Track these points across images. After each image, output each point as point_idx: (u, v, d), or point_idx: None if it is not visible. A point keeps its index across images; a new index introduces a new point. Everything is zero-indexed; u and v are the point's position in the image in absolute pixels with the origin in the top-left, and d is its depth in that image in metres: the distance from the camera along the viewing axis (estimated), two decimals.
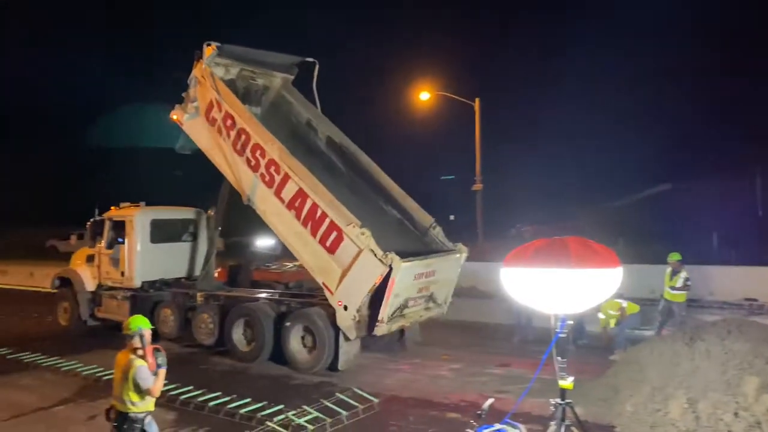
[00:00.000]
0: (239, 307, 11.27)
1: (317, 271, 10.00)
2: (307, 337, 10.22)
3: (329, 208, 9.75)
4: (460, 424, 7.56)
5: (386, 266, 9.08)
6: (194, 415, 8.20)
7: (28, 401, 9.00)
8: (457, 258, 10.70)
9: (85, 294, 13.77)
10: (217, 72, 11.70)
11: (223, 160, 11.32)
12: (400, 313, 9.79)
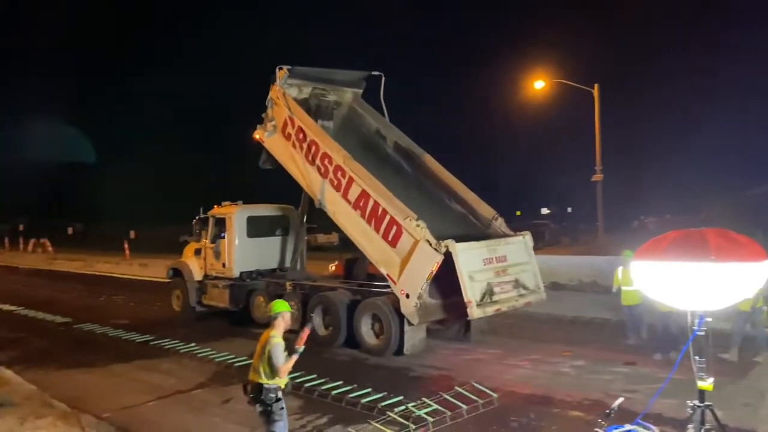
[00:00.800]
0: (319, 295, 12.24)
1: (381, 263, 10.82)
2: (376, 324, 11.05)
3: (389, 205, 10.61)
4: (583, 423, 7.31)
5: (441, 254, 9.79)
6: (318, 402, 8.50)
7: (168, 384, 9.76)
8: (522, 242, 11.31)
9: (193, 283, 15.13)
10: (291, 92, 13.01)
11: (297, 170, 12.49)
12: (490, 299, 10.20)
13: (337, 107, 13.89)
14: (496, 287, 10.40)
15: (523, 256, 11.23)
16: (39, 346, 12.88)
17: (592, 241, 31.26)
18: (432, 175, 12.63)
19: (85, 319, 15.36)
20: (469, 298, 9.82)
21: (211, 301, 14.90)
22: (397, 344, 10.67)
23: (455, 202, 12.29)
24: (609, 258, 18.49)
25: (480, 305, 10.00)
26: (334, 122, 13.74)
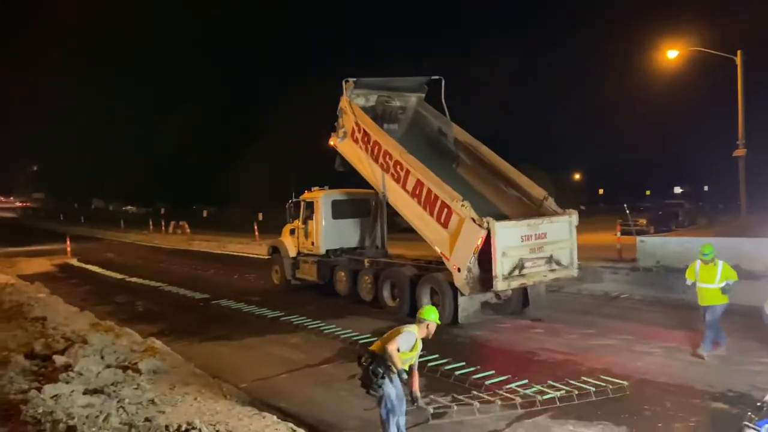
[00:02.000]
0: (387, 270, 13.71)
1: (436, 243, 12.10)
2: (434, 296, 12.28)
3: (439, 190, 11.92)
4: (728, 417, 6.82)
5: (484, 229, 10.93)
6: (441, 381, 8.59)
7: (297, 358, 10.28)
8: (567, 220, 12.17)
9: (289, 259, 17.04)
10: (359, 101, 14.78)
11: (365, 168, 14.24)
12: (519, 272, 11.31)
13: (403, 111, 15.48)
14: (528, 262, 11.43)
15: (564, 234, 12.12)
16: (182, 320, 14.02)
17: (733, 221, 28.86)
18: (489, 164, 13.73)
19: (221, 295, 16.51)
20: (496, 273, 10.98)
21: (303, 275, 16.66)
22: (452, 315, 11.79)
23: (510, 187, 13.28)
24: (753, 240, 17.03)
25: (506, 278, 11.15)
26: (401, 125, 15.36)
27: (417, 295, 12.56)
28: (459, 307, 11.71)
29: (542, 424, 6.93)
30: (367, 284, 14.33)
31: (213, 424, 6.31)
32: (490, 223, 10.93)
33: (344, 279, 15.15)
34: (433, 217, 12.03)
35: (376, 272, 14.05)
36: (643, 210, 32.37)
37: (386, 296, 13.45)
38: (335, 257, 15.76)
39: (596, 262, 19.35)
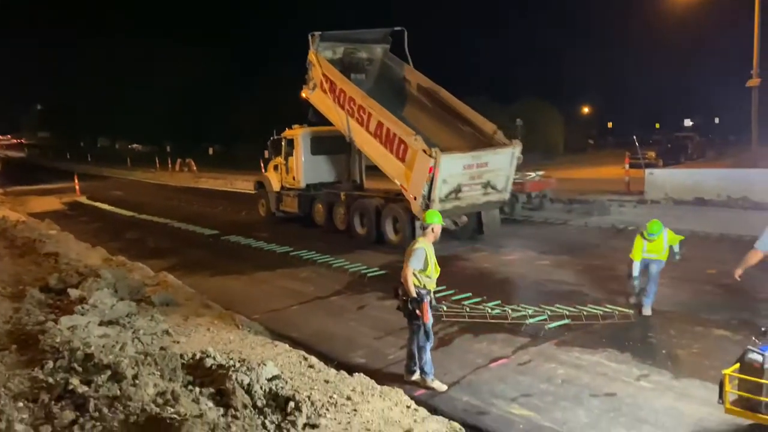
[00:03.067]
0: (357, 202, 14.99)
1: (396, 177, 13.23)
2: (396, 223, 13.77)
3: (397, 128, 13.06)
4: (731, 343, 6.96)
5: (432, 158, 12.07)
6: (448, 311, 8.72)
7: (308, 291, 10.47)
8: (510, 151, 13.22)
9: (273, 194, 18.34)
10: (326, 54, 15.70)
11: (333, 115, 15.16)
12: (455, 196, 12.67)
13: (370, 63, 16.40)
14: (465, 187, 12.80)
15: (505, 163, 13.28)
16: (193, 255, 14.21)
17: (743, 153, 28.55)
18: (448, 106, 14.81)
19: (230, 231, 16.66)
20: (434, 197, 12.32)
21: (285, 207, 18.00)
22: (411, 238, 12.53)
23: (466, 125, 14.33)
24: (764, 170, 16.89)
25: (442, 201, 12.48)
26: (369, 75, 16.30)
27: (382, 223, 14.07)
28: (417, 231, 12.75)
29: (547, 351, 7.09)
30: (341, 215, 15.71)
31: (227, 352, 6.48)
32: (437, 153, 12.13)
33: (321, 211, 16.54)
34: (393, 154, 13.19)
35: (348, 204, 15.31)
36: (653, 143, 32.04)
37: (356, 225, 14.92)
38: (315, 191, 16.97)
39: (604, 195, 19.36)
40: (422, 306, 6.08)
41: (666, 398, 5.73)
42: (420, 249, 6.18)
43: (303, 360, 6.52)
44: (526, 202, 18.19)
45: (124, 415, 4.39)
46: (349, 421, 5.00)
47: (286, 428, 4.76)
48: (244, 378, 5.31)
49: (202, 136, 61.04)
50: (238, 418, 4.71)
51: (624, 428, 5.20)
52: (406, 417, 5.14)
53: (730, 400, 4.69)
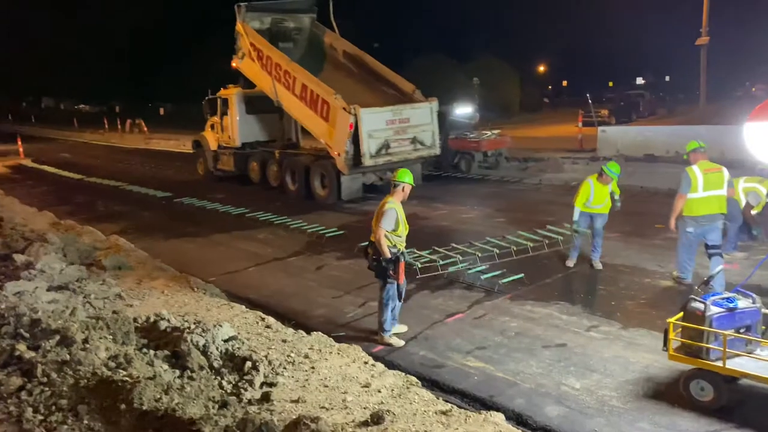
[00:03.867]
0: (288, 160, 15.75)
1: (321, 136, 14.19)
2: (324, 179, 14.54)
3: (319, 89, 13.90)
4: (677, 293, 7.24)
5: (352, 115, 12.98)
6: (406, 270, 8.77)
7: (265, 253, 10.37)
8: (428, 107, 14.34)
9: (210, 152, 18.65)
10: (254, 24, 16.26)
11: (261, 81, 15.90)
12: (385, 151, 13.61)
13: (299, 32, 17.04)
14: (393, 143, 13.71)
15: (426, 119, 14.30)
16: (146, 219, 13.89)
17: (692, 110, 29.31)
18: (371, 70, 15.79)
19: (184, 193, 16.32)
20: (363, 152, 13.19)
21: (222, 166, 18.32)
22: (337, 193, 14.16)
23: (389, 87, 15.26)
24: (710, 127, 17.37)
25: (373, 156, 13.42)
26: (299, 44, 16.97)
27: (310, 179, 14.85)
28: (342, 185, 14.05)
29: (502, 305, 7.24)
30: (274, 172, 16.41)
31: (182, 315, 6.41)
32: (356, 109, 13.00)
33: (256, 168, 17.12)
34: (317, 114, 14.01)
35: (281, 162, 16.03)
36: (606, 101, 32.60)
37: (288, 181, 15.62)
38: (250, 149, 17.50)
39: (558, 153, 19.67)
40: (398, 266, 6.08)
41: (614, 347, 5.94)
42: (391, 210, 6.14)
43: (260, 320, 6.50)
44: (483, 161, 18.36)
45: (74, 379, 4.31)
46: (306, 379, 5.03)
47: (243, 388, 4.77)
48: (200, 339, 5.27)
49: (153, 96, 59.12)
50: (194, 379, 4.68)
51: (574, 377, 5.38)
52: (364, 372, 5.20)
53: (674, 347, 4.89)
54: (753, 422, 4.49)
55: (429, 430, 4.19)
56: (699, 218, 7.17)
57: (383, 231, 6.06)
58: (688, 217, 7.23)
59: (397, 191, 6.34)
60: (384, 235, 6.06)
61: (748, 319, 4.82)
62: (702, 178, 7.09)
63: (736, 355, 4.65)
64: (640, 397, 4.98)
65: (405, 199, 6.42)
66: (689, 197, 7.13)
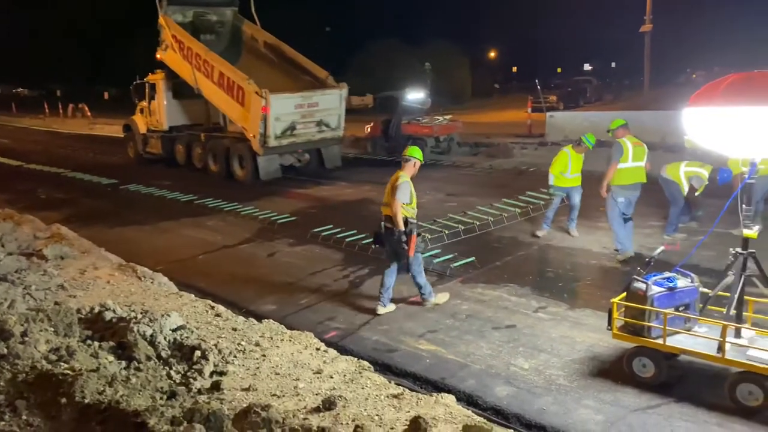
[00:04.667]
0: (211, 142, 16.61)
1: (238, 120, 14.96)
2: (243, 161, 15.38)
3: (235, 76, 14.68)
4: (621, 274, 7.46)
5: (263, 98, 13.79)
6: (359, 255, 8.81)
7: (215, 240, 10.19)
8: (338, 93, 15.26)
9: (140, 135, 19.22)
10: (176, 17, 16.97)
11: (184, 71, 16.57)
12: (291, 133, 14.55)
13: (222, 25, 17.73)
14: (299, 125, 14.66)
15: (335, 103, 15.23)
16: (90, 206, 13.44)
17: (636, 96, 30.12)
18: (289, 59, 16.64)
19: (130, 180, 15.85)
20: (269, 133, 14.11)
21: (151, 149, 18.92)
22: (254, 173, 14.94)
23: (306, 74, 16.15)
24: (654, 113, 17.89)
25: (278, 137, 14.35)
26: (222, 37, 17.68)
27: (230, 160, 15.71)
28: (259, 166, 14.83)
29: (453, 289, 7.31)
30: (198, 154, 17.15)
31: (128, 305, 6.24)
32: (266, 93, 13.81)
33: (182, 151, 17.89)
34: (234, 99, 14.76)
35: (204, 145, 16.81)
36: (554, 87, 33.16)
37: (210, 163, 16.50)
38: (177, 133, 18.03)
39: (508, 138, 19.93)
40: (410, 239, 6.40)
41: (561, 327, 6.09)
42: (405, 183, 6.47)
43: (210, 309, 6.38)
44: (435, 146, 18.46)
45: (11, 373, 4.14)
46: (257, 367, 4.98)
47: (192, 377, 4.68)
48: (147, 329, 5.14)
49: (97, 80, 57.04)
50: (141, 370, 4.57)
51: (523, 357, 5.50)
52: (316, 359, 5.18)
53: (618, 326, 5.04)
54: (691, 396, 4.68)
55: (380, 413, 4.21)
56: (627, 186, 7.85)
57: (399, 203, 6.37)
58: (618, 186, 7.88)
59: (408, 165, 6.64)
60: (401, 207, 6.37)
61: (687, 297, 5.00)
62: (632, 150, 7.83)
63: (676, 333, 4.83)
64: (586, 375, 5.13)
65: (415, 174, 6.72)
66: (620, 167, 7.77)
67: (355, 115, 32.49)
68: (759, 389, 4.36)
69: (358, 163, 18.49)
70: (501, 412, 4.70)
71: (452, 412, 4.24)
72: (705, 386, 4.79)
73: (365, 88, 39.22)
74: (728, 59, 33.33)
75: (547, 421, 4.51)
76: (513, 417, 4.63)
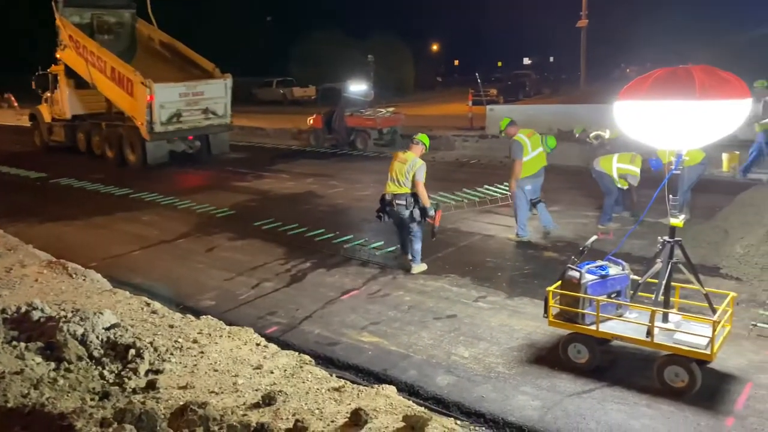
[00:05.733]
0: (107, 131, 17.50)
1: (129, 110, 16.00)
2: (133, 147, 16.39)
3: (125, 70, 15.79)
4: (557, 263, 7.64)
5: (148, 87, 14.95)
6: (302, 249, 8.73)
7: (151, 235, 9.90)
8: (223, 82, 16.61)
9: (45, 124, 19.95)
10: (73, 19, 17.64)
11: (80, 67, 17.34)
12: (177, 120, 15.74)
13: (121, 26, 18.55)
14: (185, 113, 15.87)
15: (220, 92, 16.60)
16: (16, 201, 12.79)
17: (573, 90, 30.96)
18: (184, 57, 17.75)
19: (62, 174, 15.22)
20: (155, 120, 15.27)
21: (55, 137, 19.62)
22: (143, 158, 15.98)
23: (196, 69, 17.35)
24: (589, 106, 18.45)
25: (164, 124, 15.51)
26: (122, 37, 18.49)
27: (124, 147, 16.69)
28: (147, 151, 15.86)
29: (396, 281, 7.35)
30: (97, 142, 17.98)
31: (58, 303, 5.99)
32: (150, 83, 14.95)
33: (82, 139, 18.64)
34: (124, 91, 15.82)
35: (101, 132, 17.66)
36: (494, 81, 33.67)
37: (107, 150, 17.43)
38: (80, 122, 18.69)
39: (449, 131, 20.12)
40: (437, 213, 7.47)
41: (500, 316, 6.21)
42: (423, 164, 7.33)
43: (145, 306, 6.19)
44: (378, 138, 18.47)
45: None
46: (195, 364, 4.87)
47: (126, 377, 4.54)
48: (78, 329, 4.94)
49: (24, 67, 54.29)
50: (71, 371, 4.40)
51: (463, 346, 5.58)
52: (256, 354, 5.10)
53: (554, 313, 5.18)
54: (623, 380, 4.85)
55: (321, 407, 4.19)
56: (533, 175, 8.47)
57: (422, 182, 7.26)
58: (525, 177, 8.43)
59: (417, 148, 7.47)
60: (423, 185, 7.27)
61: (619, 284, 5.18)
62: (529, 142, 8.41)
63: (608, 319, 5.00)
64: (524, 362, 5.24)
65: None
66: (524, 160, 8.30)
67: (297, 107, 32.22)
68: (684, 371, 4.57)
69: (301, 155, 18.33)
70: (442, 401, 4.76)
71: (393, 403, 4.26)
72: (636, 369, 4.98)
73: (308, 79, 38.96)
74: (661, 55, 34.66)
75: (486, 408, 4.59)
76: (453, 405, 4.69)
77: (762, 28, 27.24)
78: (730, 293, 4.95)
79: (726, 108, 4.37)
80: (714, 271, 7.03)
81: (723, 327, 4.72)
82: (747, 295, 6.34)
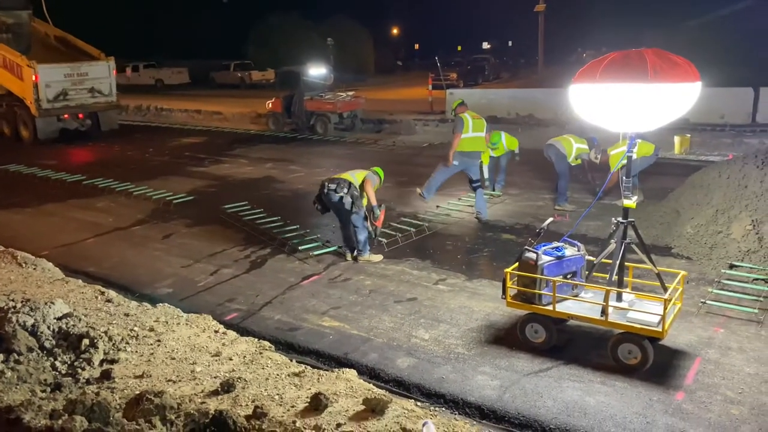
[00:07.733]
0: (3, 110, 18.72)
1: (20, 93, 17.57)
2: (24, 123, 18.02)
3: (13, 57, 17.43)
4: (514, 245, 7.76)
5: (32, 68, 16.73)
6: (262, 235, 8.62)
7: (106, 222, 9.65)
8: (106, 64, 18.32)
9: None
10: None
11: None
12: (63, 98, 17.42)
13: (20, 27, 19.40)
14: (71, 92, 17.54)
15: (104, 73, 18.27)
16: None
17: (532, 74, 31.29)
18: (71, 48, 19.16)
19: (9, 160, 14.66)
20: (41, 98, 16.94)
21: None
22: (34, 135, 17.55)
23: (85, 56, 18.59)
24: (546, 90, 18.67)
25: (50, 101, 17.17)
26: (23, 38, 19.21)
27: (18, 124, 18.29)
28: (37, 127, 17.44)
29: (356, 265, 7.34)
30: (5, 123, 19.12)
31: (6, 294, 5.79)
32: (34, 64, 16.73)
33: None
34: (15, 75, 17.42)
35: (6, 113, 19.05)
36: (454, 65, 33.73)
37: (5, 128, 18.87)
38: None
39: (410, 115, 20.14)
40: (381, 212, 7.52)
41: (460, 298, 6.27)
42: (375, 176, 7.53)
43: (100, 295, 6.05)
44: (338, 123, 18.36)
45: None
46: (152, 353, 4.78)
47: (80, 367, 4.43)
48: (27, 319, 4.80)
49: None
50: (21, 363, 4.27)
51: (423, 328, 5.62)
52: (214, 342, 5.04)
53: (511, 294, 5.25)
54: (579, 358, 4.97)
55: (281, 392, 4.17)
56: (466, 153, 8.74)
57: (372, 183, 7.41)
58: (459, 152, 8.74)
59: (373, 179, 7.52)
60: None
61: (574, 265, 5.27)
62: (471, 123, 8.72)
63: (564, 299, 5.10)
64: (483, 343, 5.31)
65: None
66: (463, 137, 8.65)
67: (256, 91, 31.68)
68: (637, 348, 4.70)
69: (260, 139, 18.08)
70: (402, 383, 4.79)
71: (353, 387, 4.27)
72: (591, 348, 5.10)
73: (266, 62, 38.35)
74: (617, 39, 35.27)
75: (446, 389, 4.64)
76: (414, 387, 4.73)
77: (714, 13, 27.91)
78: (681, 272, 5.10)
79: (677, 91, 4.46)
80: (666, 250, 7.24)
81: (674, 305, 4.86)
82: (697, 273, 6.55)
